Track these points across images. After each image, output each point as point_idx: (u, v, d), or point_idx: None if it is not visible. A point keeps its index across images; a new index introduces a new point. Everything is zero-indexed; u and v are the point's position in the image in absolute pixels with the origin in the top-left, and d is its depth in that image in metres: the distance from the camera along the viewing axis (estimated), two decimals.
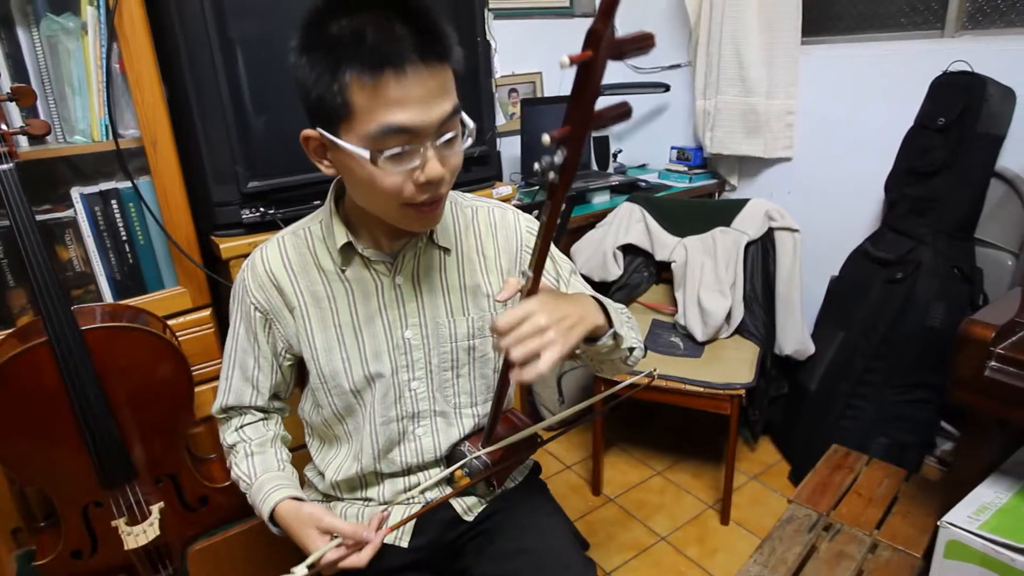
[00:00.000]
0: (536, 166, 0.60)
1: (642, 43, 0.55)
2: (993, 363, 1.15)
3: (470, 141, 0.78)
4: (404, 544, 0.98)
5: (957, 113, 1.67)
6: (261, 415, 1.01)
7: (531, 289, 0.72)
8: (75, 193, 1.30)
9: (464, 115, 0.77)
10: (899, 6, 1.98)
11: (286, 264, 0.91)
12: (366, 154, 0.72)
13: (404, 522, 0.94)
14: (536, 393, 2.27)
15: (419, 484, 1.00)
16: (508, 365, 0.70)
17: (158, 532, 1.25)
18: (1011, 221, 1.76)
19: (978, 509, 1.18)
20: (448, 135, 0.75)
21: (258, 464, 0.96)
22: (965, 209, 1.75)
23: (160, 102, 1.30)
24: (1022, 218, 1.73)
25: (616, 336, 0.84)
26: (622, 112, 0.58)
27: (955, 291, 1.74)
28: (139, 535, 1.23)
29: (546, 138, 0.58)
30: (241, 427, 0.99)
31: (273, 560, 1.38)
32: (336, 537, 0.83)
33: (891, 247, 1.86)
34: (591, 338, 0.82)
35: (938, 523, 1.17)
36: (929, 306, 1.73)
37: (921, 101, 1.80)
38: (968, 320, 1.19)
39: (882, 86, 1.95)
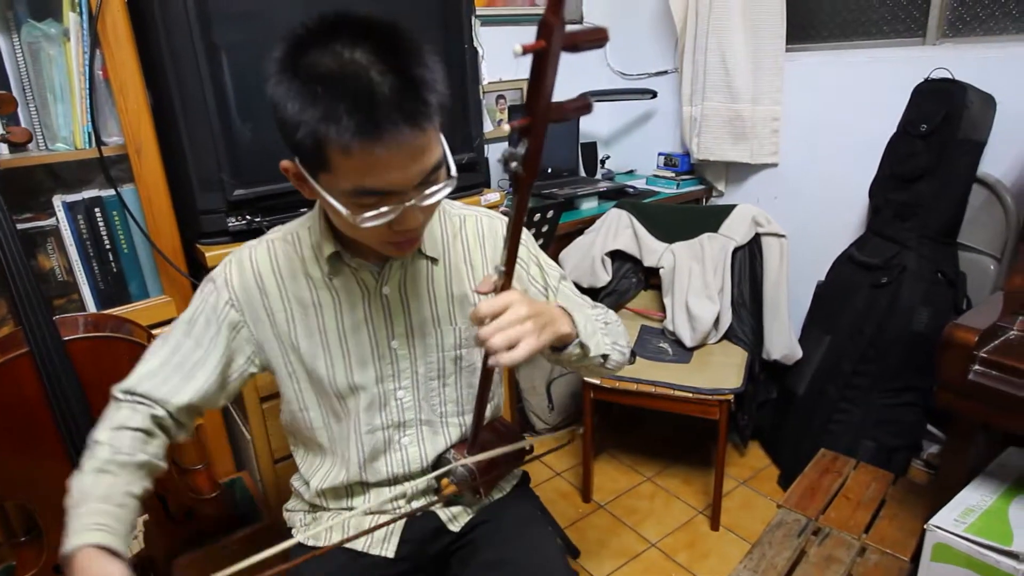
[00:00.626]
0: (500, 156, 0.62)
1: (595, 36, 0.58)
2: (977, 367, 1.16)
3: (448, 190, 0.75)
4: (389, 554, 0.97)
5: (939, 119, 1.70)
6: (150, 426, 0.86)
7: (504, 284, 0.73)
8: (57, 201, 1.29)
9: (450, 162, 0.75)
10: (881, 14, 2.01)
11: (275, 269, 0.90)
12: (344, 210, 0.71)
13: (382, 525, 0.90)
14: (526, 400, 2.27)
15: (405, 494, 0.99)
16: (487, 352, 0.72)
17: (142, 545, 1.23)
18: (992, 226, 1.79)
19: (964, 512, 1.19)
20: (431, 188, 0.73)
21: (103, 488, 0.79)
22: (948, 214, 1.77)
23: (144, 109, 1.29)
24: (1003, 223, 1.76)
25: (583, 346, 0.86)
26: (582, 105, 0.60)
27: (939, 295, 1.76)
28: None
29: (506, 127, 0.61)
30: (121, 427, 0.84)
31: (261, 570, 1.37)
32: None
33: (876, 252, 1.88)
34: (558, 347, 0.84)
35: (925, 526, 1.18)
36: (914, 310, 1.75)
37: (904, 108, 1.82)
38: (952, 324, 1.20)
39: (866, 93, 1.98)
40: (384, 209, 0.71)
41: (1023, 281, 1.28)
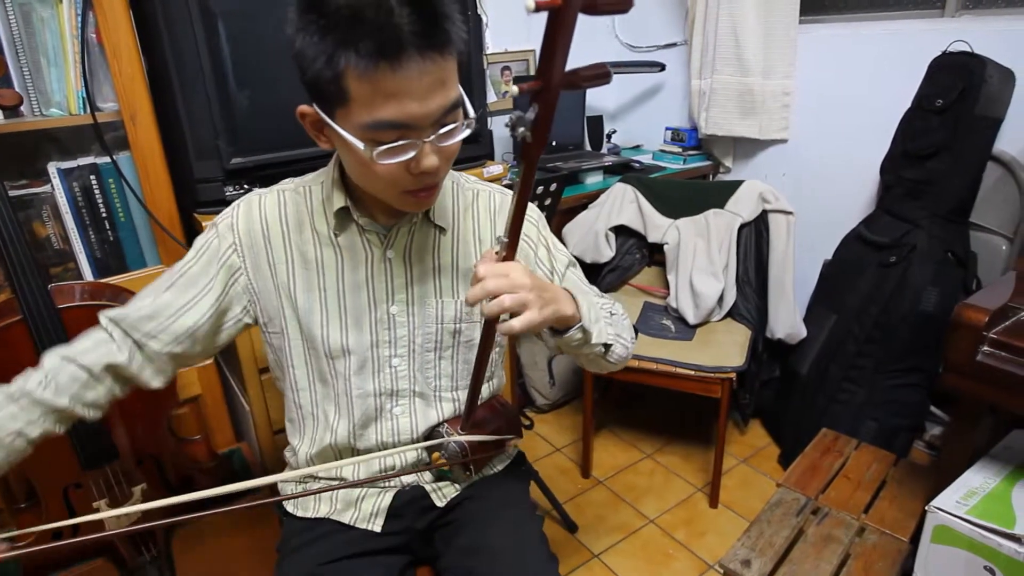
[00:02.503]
0: (506, 121, 0.59)
1: None
2: (986, 348, 1.14)
3: (468, 131, 0.75)
4: (376, 528, 0.97)
5: (956, 95, 1.65)
6: (100, 371, 0.84)
7: (507, 256, 0.71)
8: (52, 168, 1.27)
9: (467, 104, 0.74)
10: None
11: (283, 219, 0.89)
12: (360, 145, 0.70)
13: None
14: (527, 375, 2.26)
15: (395, 466, 0.98)
16: (486, 319, 0.72)
17: (140, 514, 1.23)
18: (1006, 205, 1.75)
19: (966, 494, 1.18)
20: (447, 127, 0.73)
21: (4, 412, 0.79)
22: (961, 193, 1.73)
23: (139, 74, 1.26)
24: (1018, 202, 1.72)
25: (585, 331, 0.83)
26: (600, 73, 0.57)
27: (949, 275, 1.72)
28: (121, 516, 1.21)
29: (514, 88, 0.57)
30: (71, 359, 0.83)
31: (258, 541, 1.38)
32: None
33: (885, 230, 1.84)
34: (560, 330, 0.82)
35: (926, 508, 1.17)
36: (922, 290, 1.72)
37: (919, 82, 1.77)
38: (962, 304, 1.17)
39: (880, 67, 1.92)
40: (402, 143, 0.70)
41: None
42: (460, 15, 0.69)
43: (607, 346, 0.88)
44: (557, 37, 0.54)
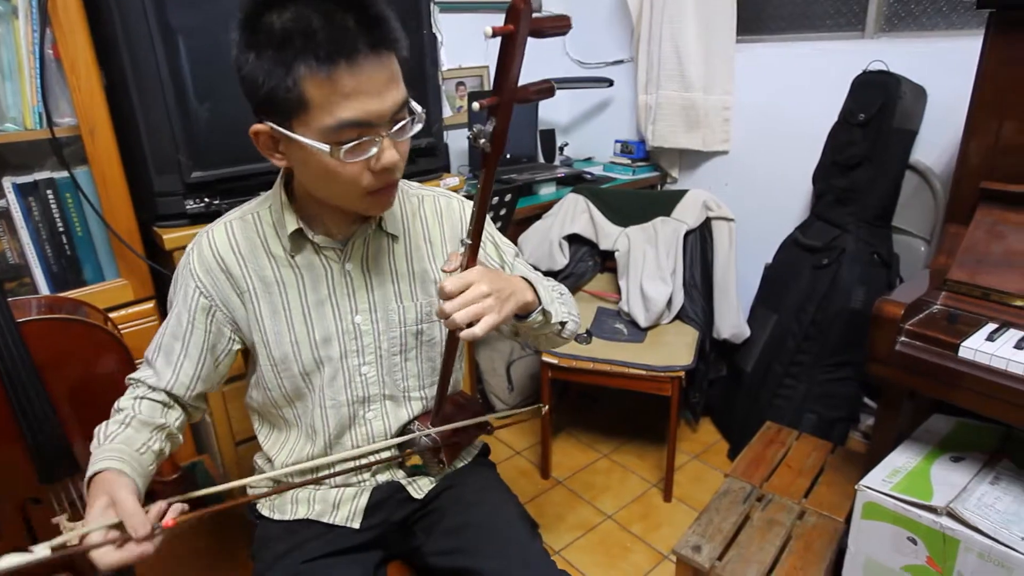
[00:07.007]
0: (468, 133, 0.66)
1: (559, 23, 0.63)
2: (903, 338, 1.25)
3: (419, 127, 0.81)
4: (355, 525, 1.00)
5: (875, 109, 1.79)
6: (167, 399, 0.93)
7: (470, 257, 0.78)
8: (7, 183, 1.27)
9: (412, 102, 0.80)
10: (825, 8, 2.10)
11: (235, 249, 0.91)
12: (325, 148, 0.74)
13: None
14: (486, 381, 2.31)
15: (370, 466, 1.02)
16: (452, 329, 0.77)
17: None
18: (923, 210, 1.90)
19: (891, 473, 1.29)
20: (401, 123, 0.78)
21: (124, 435, 0.85)
22: (884, 199, 1.88)
23: (98, 89, 1.28)
24: (933, 207, 1.87)
25: (545, 312, 0.92)
26: (545, 88, 0.66)
27: (875, 275, 1.86)
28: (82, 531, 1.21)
29: (476, 105, 0.65)
30: (142, 397, 0.91)
31: (222, 552, 1.38)
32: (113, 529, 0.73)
33: (818, 235, 1.98)
34: (522, 315, 0.90)
35: (856, 487, 1.27)
36: (852, 289, 1.85)
37: (844, 98, 1.91)
38: (881, 299, 1.28)
39: (810, 83, 2.07)
40: (364, 139, 0.75)
41: (947, 260, 1.38)
42: (395, 18, 0.75)
43: (563, 323, 0.98)
44: (510, 58, 0.61)
